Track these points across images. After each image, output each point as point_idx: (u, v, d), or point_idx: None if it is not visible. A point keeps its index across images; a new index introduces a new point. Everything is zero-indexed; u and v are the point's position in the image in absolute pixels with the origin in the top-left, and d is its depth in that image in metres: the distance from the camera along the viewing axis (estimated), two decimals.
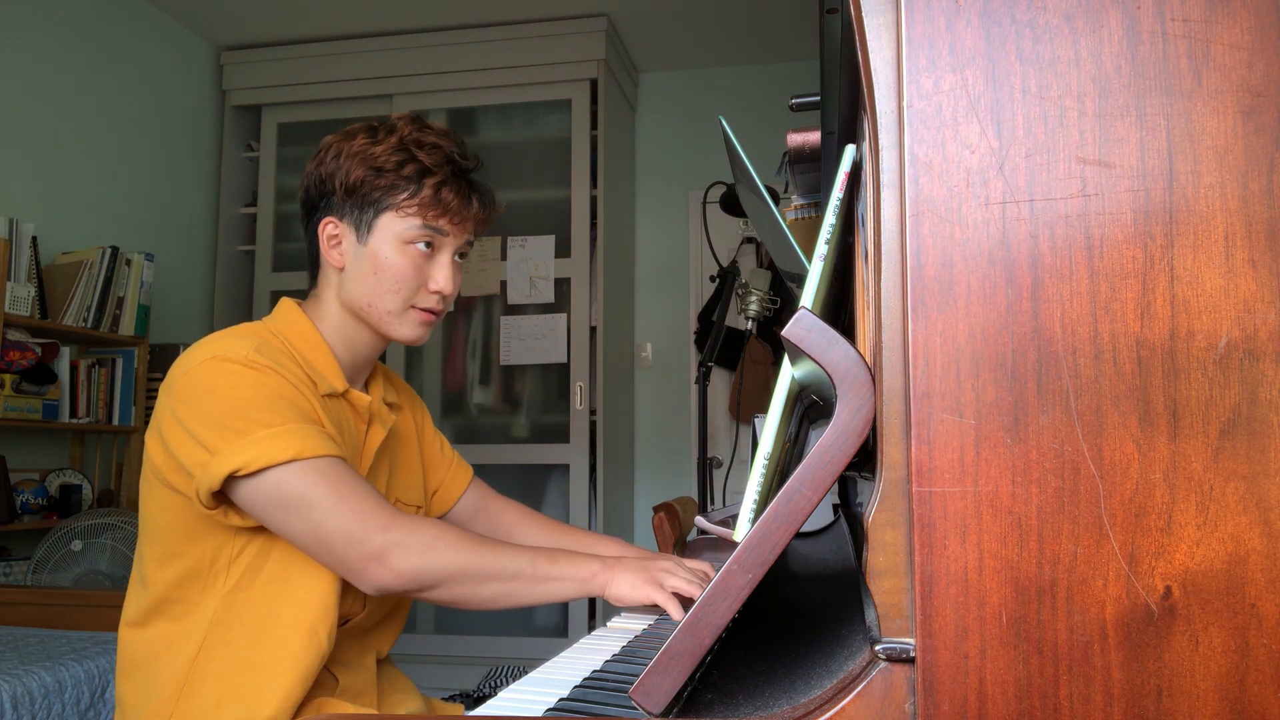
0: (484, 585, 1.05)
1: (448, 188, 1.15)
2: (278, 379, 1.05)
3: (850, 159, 0.70)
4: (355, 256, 1.16)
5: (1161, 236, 0.49)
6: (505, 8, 3.68)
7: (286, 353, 1.12)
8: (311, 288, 1.23)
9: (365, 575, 1.02)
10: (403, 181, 1.14)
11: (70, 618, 2.26)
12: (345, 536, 1.01)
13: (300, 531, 1.02)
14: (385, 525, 1.02)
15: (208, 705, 1.05)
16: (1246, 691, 0.47)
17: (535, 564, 1.07)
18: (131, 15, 3.57)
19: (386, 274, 1.15)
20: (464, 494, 1.43)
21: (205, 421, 1.02)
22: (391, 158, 1.14)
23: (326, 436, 1.05)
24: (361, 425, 1.21)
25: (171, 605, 1.09)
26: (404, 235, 1.14)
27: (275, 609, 1.07)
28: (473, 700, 3.26)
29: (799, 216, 1.21)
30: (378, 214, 1.15)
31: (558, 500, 3.67)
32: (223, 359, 1.04)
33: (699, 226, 4.05)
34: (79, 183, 3.32)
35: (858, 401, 0.53)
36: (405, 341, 1.19)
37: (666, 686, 0.55)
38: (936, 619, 0.49)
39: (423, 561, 1.02)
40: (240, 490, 1.02)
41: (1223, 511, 0.47)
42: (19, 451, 3.06)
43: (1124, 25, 0.50)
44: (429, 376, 3.79)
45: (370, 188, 1.14)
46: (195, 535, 1.07)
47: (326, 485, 1.01)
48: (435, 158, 1.15)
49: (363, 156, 1.14)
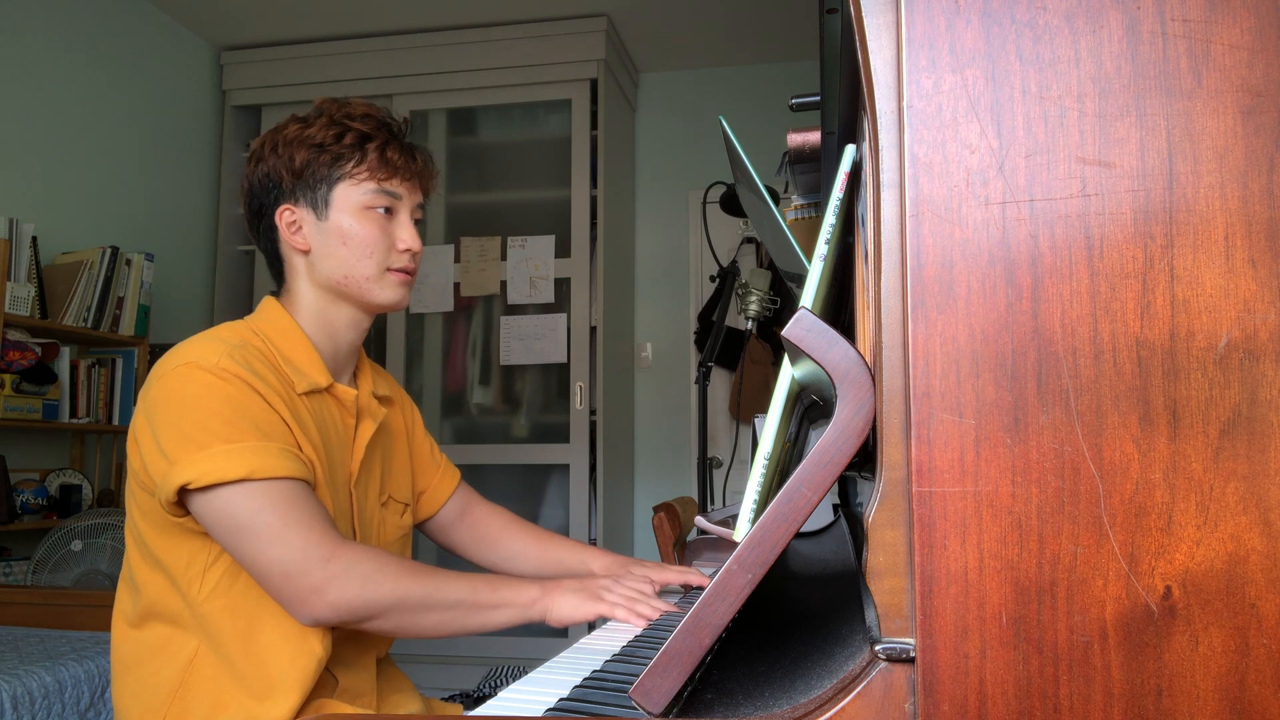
0: (425, 615, 1.05)
1: (391, 148, 1.18)
2: (245, 390, 1.05)
3: (850, 159, 0.70)
4: (319, 234, 1.17)
5: (1161, 236, 0.49)
6: (505, 8, 3.68)
7: (265, 354, 1.12)
8: (280, 285, 1.23)
9: (304, 607, 1.02)
10: (346, 150, 1.16)
11: (70, 618, 2.26)
12: (284, 567, 1.01)
13: (245, 556, 1.02)
14: (327, 557, 1.01)
15: (203, 711, 1.05)
16: (1246, 691, 0.47)
17: (476, 592, 1.08)
18: (131, 15, 3.57)
19: (355, 241, 1.16)
20: (450, 498, 1.43)
21: (169, 430, 1.02)
22: (328, 133, 1.16)
23: (287, 455, 1.04)
24: (349, 420, 1.21)
25: (161, 610, 1.09)
26: (362, 202, 1.17)
27: (257, 616, 1.07)
28: (473, 700, 3.26)
29: (799, 216, 1.21)
30: (331, 188, 1.16)
31: (558, 500, 3.67)
32: (195, 366, 1.04)
33: (699, 226, 4.05)
34: (79, 183, 3.31)
35: (858, 401, 0.53)
36: (387, 305, 1.20)
37: (666, 686, 0.55)
38: (936, 619, 0.49)
39: (363, 593, 1.02)
40: (194, 504, 1.03)
41: (1223, 511, 0.47)
42: (19, 451, 3.06)
43: (1124, 25, 0.50)
44: (429, 376, 3.79)
45: (316, 165, 1.16)
46: (170, 541, 1.07)
47: (273, 511, 1.01)
48: (369, 125, 1.18)
49: (299, 140, 1.17)
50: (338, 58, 3.92)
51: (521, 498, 3.73)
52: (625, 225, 4.03)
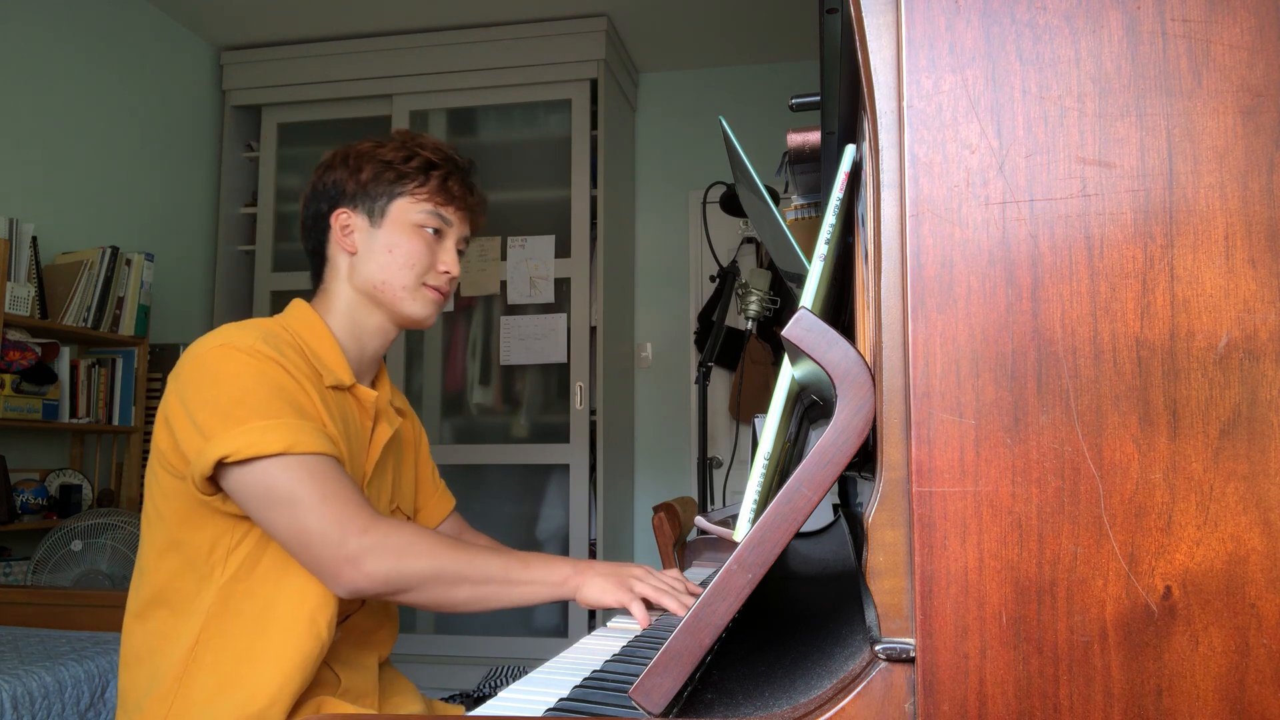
0: (458, 589, 1.07)
1: (453, 179, 1.26)
2: (280, 371, 1.08)
3: (850, 159, 0.70)
4: (369, 239, 1.24)
5: (1161, 236, 0.49)
6: (505, 8, 3.68)
7: (294, 345, 1.15)
8: (317, 285, 1.28)
9: (339, 577, 1.03)
10: (412, 172, 1.24)
11: (70, 618, 2.26)
12: (322, 537, 1.02)
13: (281, 527, 1.04)
14: (364, 528, 1.03)
15: (206, 695, 1.06)
16: (1246, 691, 0.47)
17: (509, 568, 1.10)
18: (132, 15, 3.57)
19: (401, 252, 1.23)
20: (444, 521, 1.48)
21: (206, 407, 1.05)
22: (398, 154, 1.25)
23: (321, 434, 1.07)
24: (368, 421, 1.24)
25: (169, 597, 1.10)
26: (416, 220, 1.24)
27: (274, 599, 1.08)
28: (473, 700, 3.26)
29: (799, 216, 1.21)
30: (390, 200, 1.24)
31: (558, 500, 3.67)
32: (230, 347, 1.07)
33: (699, 226, 4.05)
34: (79, 183, 3.32)
35: (858, 401, 0.53)
36: (415, 319, 1.25)
37: (666, 686, 0.55)
38: (936, 619, 0.49)
39: (398, 565, 1.04)
40: (229, 478, 1.04)
41: (1223, 511, 0.47)
42: (19, 451, 3.06)
43: (1124, 25, 0.50)
44: (429, 376, 3.79)
45: (381, 180, 1.24)
46: (195, 523, 1.09)
47: (312, 483, 1.03)
48: (437, 155, 1.27)
49: (370, 155, 1.25)
50: (338, 58, 3.92)
51: (521, 498, 3.73)
52: (625, 225, 4.03)
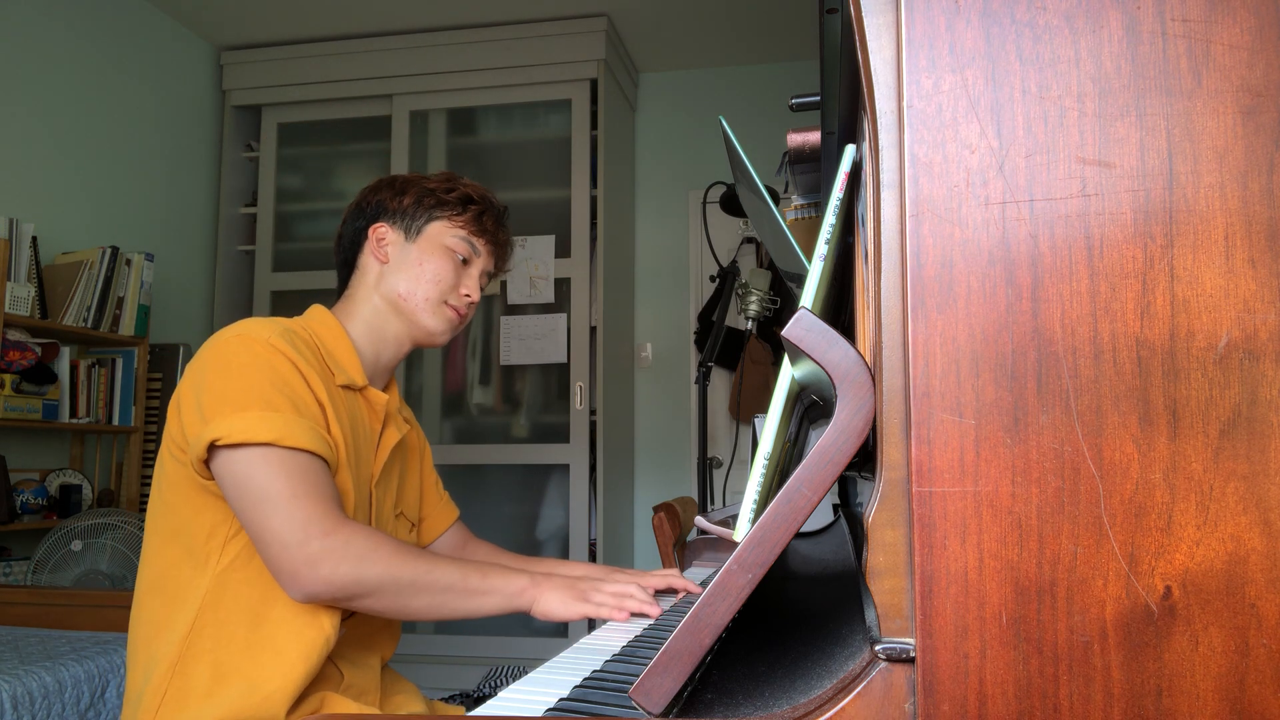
0: (415, 597, 1.08)
1: (488, 215, 1.36)
2: (290, 367, 1.11)
3: (850, 159, 0.70)
4: (401, 252, 1.31)
5: (1161, 236, 0.49)
6: (505, 8, 3.68)
7: (310, 343, 1.19)
8: (343, 291, 1.34)
9: (296, 579, 1.03)
10: (452, 201, 1.33)
11: (70, 618, 2.26)
12: (282, 538, 1.02)
13: (249, 521, 1.05)
14: (327, 531, 1.03)
15: (205, 684, 1.07)
16: (1246, 691, 0.47)
17: (466, 578, 1.11)
18: (131, 15, 3.57)
19: (429, 268, 1.30)
20: (447, 531, 1.51)
21: (212, 391, 1.07)
22: (442, 185, 1.35)
23: (315, 433, 1.08)
24: (377, 424, 1.26)
25: (165, 585, 1.11)
26: (449, 243, 1.31)
27: (273, 589, 1.09)
28: (473, 700, 3.26)
29: (799, 216, 1.21)
30: (428, 221, 1.32)
31: (558, 500, 3.67)
32: (247, 338, 1.11)
33: (699, 226, 4.05)
34: (79, 183, 3.31)
35: (858, 401, 0.53)
36: (430, 333, 1.30)
37: (666, 686, 0.55)
38: (936, 619, 0.49)
39: (355, 571, 1.04)
40: (217, 461, 1.06)
41: (1223, 511, 0.47)
42: (19, 451, 3.06)
43: (1124, 25, 0.50)
44: (429, 376, 3.79)
45: (423, 203, 1.33)
46: (196, 507, 1.10)
47: (286, 480, 1.04)
48: (477, 193, 1.36)
49: (416, 183, 1.35)
50: (338, 58, 3.92)
51: (521, 498, 3.73)
52: (625, 225, 4.02)
